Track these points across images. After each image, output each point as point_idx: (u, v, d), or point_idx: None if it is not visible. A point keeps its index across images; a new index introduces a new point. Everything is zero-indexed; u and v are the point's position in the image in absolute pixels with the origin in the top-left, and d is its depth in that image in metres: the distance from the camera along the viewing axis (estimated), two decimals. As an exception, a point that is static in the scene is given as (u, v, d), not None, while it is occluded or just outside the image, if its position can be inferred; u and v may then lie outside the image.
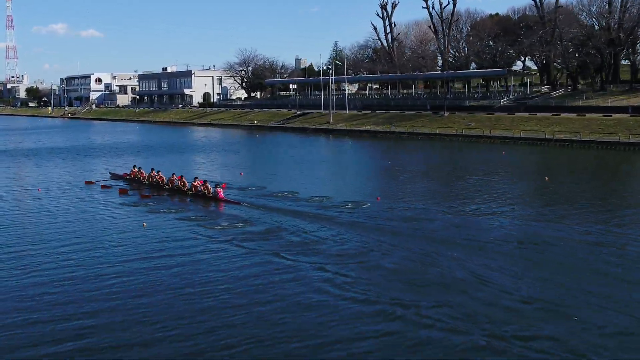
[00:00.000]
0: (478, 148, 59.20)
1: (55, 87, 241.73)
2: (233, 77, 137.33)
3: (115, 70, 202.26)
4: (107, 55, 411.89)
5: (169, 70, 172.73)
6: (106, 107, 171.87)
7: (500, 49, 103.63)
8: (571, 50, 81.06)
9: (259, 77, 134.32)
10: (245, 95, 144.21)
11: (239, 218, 26.61)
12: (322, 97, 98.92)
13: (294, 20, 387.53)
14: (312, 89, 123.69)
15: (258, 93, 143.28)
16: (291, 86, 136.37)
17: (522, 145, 59.96)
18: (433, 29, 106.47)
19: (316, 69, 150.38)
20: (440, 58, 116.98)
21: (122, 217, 27.53)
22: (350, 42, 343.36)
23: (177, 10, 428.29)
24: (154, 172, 36.44)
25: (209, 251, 21.32)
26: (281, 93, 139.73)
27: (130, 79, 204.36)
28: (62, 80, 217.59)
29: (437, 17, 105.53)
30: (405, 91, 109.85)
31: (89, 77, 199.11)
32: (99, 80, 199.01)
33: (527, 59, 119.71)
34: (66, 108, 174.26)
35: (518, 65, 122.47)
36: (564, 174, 41.12)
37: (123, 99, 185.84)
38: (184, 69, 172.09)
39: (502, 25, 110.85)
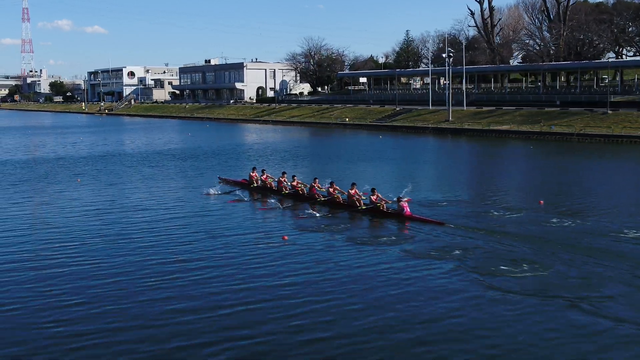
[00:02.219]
0: None
1: (80, 82, 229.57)
2: (296, 69, 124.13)
3: (126, 64, 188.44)
4: (111, 51, 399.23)
5: (212, 62, 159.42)
6: (142, 103, 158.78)
7: (585, 37, 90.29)
8: None
9: (326, 69, 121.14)
10: (309, 89, 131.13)
11: (445, 245, 19.10)
12: (430, 91, 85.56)
13: (299, 16, 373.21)
14: (388, 83, 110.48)
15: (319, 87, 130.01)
16: (361, 79, 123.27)
17: None
18: (546, 13, 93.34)
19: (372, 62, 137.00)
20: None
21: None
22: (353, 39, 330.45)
23: (177, 6, 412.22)
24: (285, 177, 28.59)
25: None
26: (349, 87, 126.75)
27: (164, 72, 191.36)
28: (89, 74, 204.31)
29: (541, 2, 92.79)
30: (511, 85, 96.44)
31: (121, 70, 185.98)
32: (131, 74, 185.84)
33: (622, 49, 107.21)
34: (102, 103, 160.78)
35: (611, 56, 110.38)
36: None
37: (159, 94, 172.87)
38: (223, 61, 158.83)
39: (597, 12, 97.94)
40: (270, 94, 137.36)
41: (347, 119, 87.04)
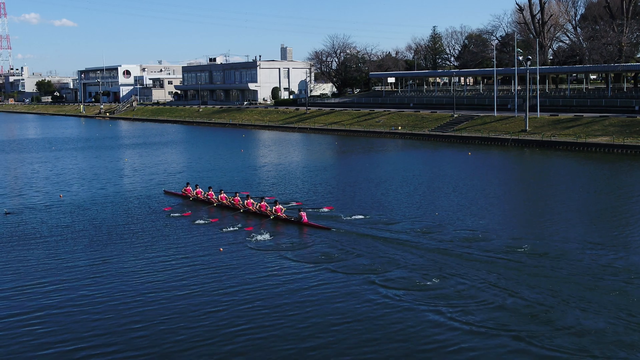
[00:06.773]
0: None
1: (68, 80, 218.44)
2: (320, 69, 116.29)
3: (105, 60, 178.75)
4: (80, 45, 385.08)
5: (218, 61, 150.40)
6: (144, 104, 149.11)
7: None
8: None
9: (353, 69, 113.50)
10: (330, 90, 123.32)
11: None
12: (495, 95, 78.24)
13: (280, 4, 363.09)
14: (424, 84, 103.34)
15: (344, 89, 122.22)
16: (389, 80, 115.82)
17: None
18: (609, 11, 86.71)
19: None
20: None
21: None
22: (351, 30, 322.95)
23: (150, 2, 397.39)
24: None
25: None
26: (376, 88, 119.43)
27: (161, 71, 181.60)
28: (79, 72, 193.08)
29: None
30: (564, 86, 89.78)
31: (116, 69, 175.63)
32: (127, 73, 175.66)
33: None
34: (101, 105, 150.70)
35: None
36: None
37: (159, 94, 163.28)
38: (225, 60, 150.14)
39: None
40: (284, 94, 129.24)
41: (399, 127, 79.49)
